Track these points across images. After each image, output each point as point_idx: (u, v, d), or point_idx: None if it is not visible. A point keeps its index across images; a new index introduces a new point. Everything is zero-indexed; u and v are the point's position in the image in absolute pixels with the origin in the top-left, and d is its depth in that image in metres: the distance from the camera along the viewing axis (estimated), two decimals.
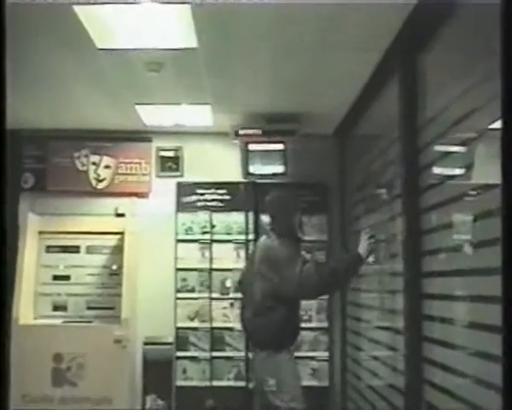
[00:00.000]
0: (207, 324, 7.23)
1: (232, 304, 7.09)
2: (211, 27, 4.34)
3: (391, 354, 4.96)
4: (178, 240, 7.33)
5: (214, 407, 6.96)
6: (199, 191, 7.36)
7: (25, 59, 4.87)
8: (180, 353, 7.22)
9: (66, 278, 7.27)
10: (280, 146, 6.79)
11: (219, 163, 7.31)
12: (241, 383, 7.05)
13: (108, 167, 7.38)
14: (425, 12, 3.85)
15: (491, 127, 3.11)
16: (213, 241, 7.34)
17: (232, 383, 7.15)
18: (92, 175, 7.38)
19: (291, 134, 6.70)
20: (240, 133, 6.78)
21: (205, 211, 7.35)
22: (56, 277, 7.27)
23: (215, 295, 7.27)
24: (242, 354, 7.08)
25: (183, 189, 7.40)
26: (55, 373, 6.83)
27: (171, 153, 7.45)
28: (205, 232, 7.34)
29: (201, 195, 7.36)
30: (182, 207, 7.37)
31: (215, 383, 7.14)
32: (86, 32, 4.38)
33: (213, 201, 7.35)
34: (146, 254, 7.20)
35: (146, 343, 7.16)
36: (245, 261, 6.66)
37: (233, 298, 7.06)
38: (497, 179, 2.98)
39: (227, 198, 7.35)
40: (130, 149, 7.41)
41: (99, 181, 7.38)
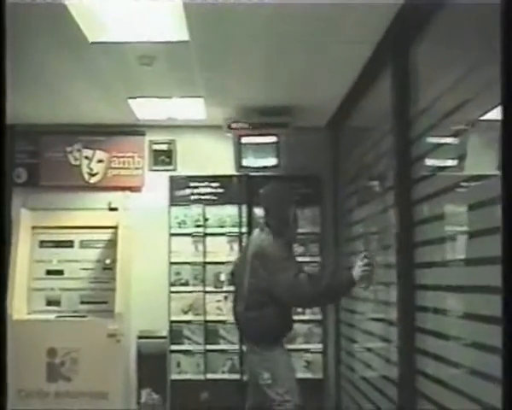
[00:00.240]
0: (201, 317, 7.24)
1: (226, 297, 7.08)
2: (202, 20, 4.33)
3: (384, 346, 4.98)
4: (172, 234, 7.33)
5: (209, 400, 6.98)
6: (192, 185, 7.36)
7: (16, 54, 4.86)
8: (174, 346, 7.23)
9: (59, 273, 7.26)
10: (273, 139, 6.77)
11: (212, 156, 7.30)
12: (236, 375, 7.07)
13: (101, 162, 7.37)
14: (416, 4, 3.85)
15: (482, 118, 3.13)
16: (207, 234, 7.33)
17: (226, 376, 7.16)
18: (85, 169, 7.37)
19: (284, 127, 6.69)
20: (233, 126, 6.76)
21: (198, 204, 7.35)
22: (50, 272, 7.25)
23: (209, 288, 7.27)
24: (236, 347, 7.09)
25: (176, 182, 7.39)
26: (50, 368, 6.82)
27: (163, 146, 7.44)
28: (198, 226, 7.34)
29: (194, 188, 7.35)
30: (175, 200, 7.37)
31: (209, 376, 7.16)
32: (78, 26, 4.37)
33: (206, 194, 7.34)
34: (139, 248, 7.19)
35: (140, 337, 7.17)
36: (238, 254, 6.64)
37: (227, 291, 7.04)
38: (490, 170, 3.00)
39: (220, 191, 7.35)
40: (123, 143, 7.39)
41: (92, 175, 7.37)
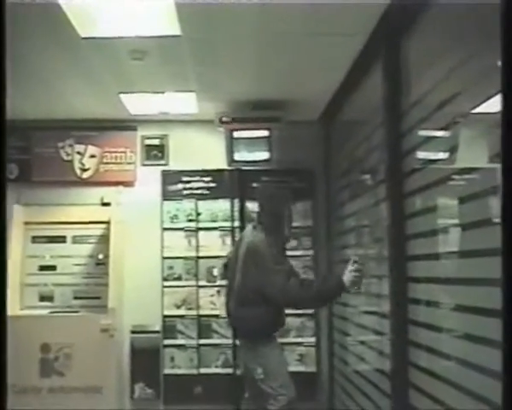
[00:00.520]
0: (194, 311, 7.24)
1: (219, 292, 7.08)
2: (194, 15, 4.33)
3: (377, 339, 4.99)
4: (164, 228, 7.33)
5: (202, 395, 6.98)
6: (184, 179, 7.35)
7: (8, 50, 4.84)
8: (167, 341, 7.23)
9: (52, 269, 7.25)
10: (265, 133, 6.77)
11: (204, 151, 7.29)
12: (229, 370, 7.07)
13: (93, 157, 7.36)
14: None
15: (473, 111, 3.14)
16: (199, 229, 7.33)
17: (220, 370, 7.16)
18: (77, 165, 7.36)
19: (276, 121, 6.69)
20: (224, 120, 6.77)
21: (190, 199, 7.34)
22: (43, 267, 7.25)
23: (202, 282, 7.27)
24: (230, 342, 7.08)
25: (169, 177, 7.39)
26: (43, 364, 6.83)
27: (156, 141, 7.43)
28: (190, 220, 7.34)
29: (187, 183, 7.34)
30: (167, 195, 7.36)
31: (203, 370, 7.16)
32: (69, 22, 4.36)
33: (199, 188, 7.34)
34: (132, 242, 7.20)
35: (133, 332, 7.17)
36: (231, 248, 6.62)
37: (220, 286, 7.04)
38: (481, 163, 3.02)
39: (212, 186, 7.34)
40: (115, 138, 7.38)
41: (84, 171, 7.36)
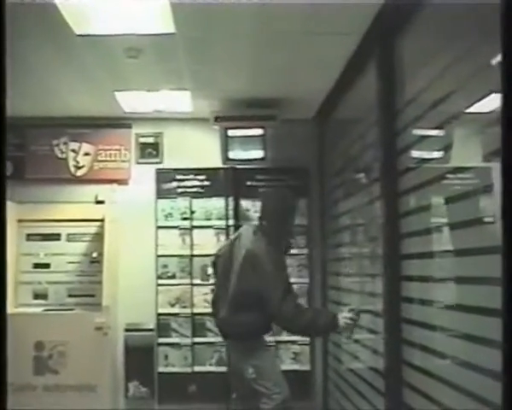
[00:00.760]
0: (188, 310, 7.24)
1: (213, 290, 7.07)
2: (188, 13, 4.33)
3: (371, 337, 5.00)
4: (158, 226, 7.33)
5: (196, 393, 6.98)
6: (178, 177, 7.35)
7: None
8: (161, 339, 7.23)
9: (46, 266, 7.25)
10: (259, 131, 6.78)
11: (199, 149, 7.29)
12: (223, 368, 7.04)
13: (88, 154, 7.35)
14: None
15: (467, 111, 3.15)
16: (193, 227, 7.33)
17: (214, 368, 7.17)
18: (71, 162, 7.35)
19: (270, 119, 6.70)
20: (219, 119, 6.77)
21: (185, 197, 7.34)
22: (37, 265, 7.25)
23: (196, 281, 7.27)
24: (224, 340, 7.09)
25: (163, 175, 7.38)
26: (37, 362, 6.83)
27: (150, 139, 7.43)
28: (185, 218, 7.34)
29: (181, 181, 7.34)
30: (162, 193, 7.36)
31: (197, 368, 7.16)
32: (64, 19, 4.36)
33: (193, 187, 7.34)
34: (126, 240, 7.19)
35: (127, 330, 7.17)
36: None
37: (214, 284, 7.04)
38: (474, 162, 3.02)
39: (207, 184, 7.34)
40: (109, 136, 7.38)
41: (78, 168, 7.35)
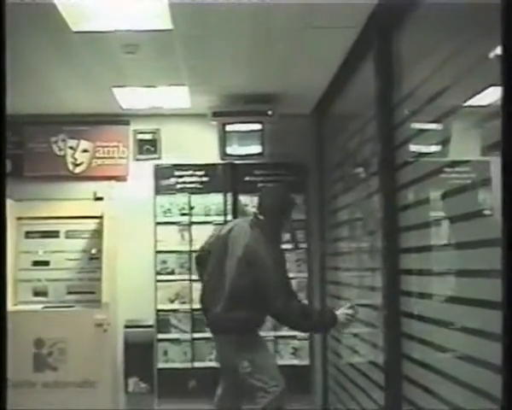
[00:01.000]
0: (188, 306, 7.24)
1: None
2: (186, 8, 4.32)
3: (370, 331, 5.01)
4: (157, 223, 7.33)
5: (196, 388, 6.99)
6: (177, 173, 7.35)
7: None
8: (161, 335, 7.24)
9: (45, 264, 7.24)
10: (257, 126, 6.78)
11: (197, 145, 7.29)
12: None
13: (86, 151, 7.35)
14: None
15: (465, 104, 3.15)
16: (192, 223, 7.33)
17: (213, 363, 7.14)
18: (69, 159, 7.35)
19: (268, 114, 6.70)
20: (217, 114, 6.77)
21: (183, 193, 7.35)
22: (36, 262, 7.24)
23: (195, 277, 7.25)
24: None
25: (161, 171, 7.38)
26: (37, 359, 6.83)
27: (148, 135, 7.42)
28: (183, 214, 7.34)
29: (179, 177, 7.34)
30: (160, 189, 7.35)
31: (196, 364, 7.17)
32: (61, 15, 4.35)
33: (191, 183, 7.34)
34: (125, 237, 7.19)
35: (127, 326, 7.17)
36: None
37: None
38: (473, 155, 3.03)
39: (205, 180, 7.34)
40: (107, 133, 7.38)
41: (76, 165, 7.36)
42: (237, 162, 7.13)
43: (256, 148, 6.82)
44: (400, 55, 4.15)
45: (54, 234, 7.29)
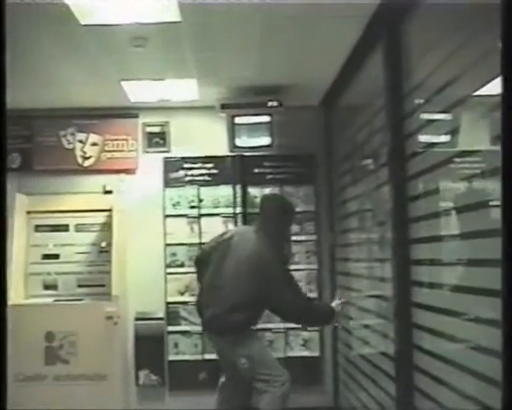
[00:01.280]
0: None
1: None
2: (193, 0, 4.32)
3: (381, 322, 5.01)
4: (167, 215, 7.33)
5: (207, 380, 6.99)
6: (186, 166, 7.34)
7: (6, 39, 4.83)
8: (171, 327, 7.24)
9: (55, 257, 7.26)
10: (266, 118, 6.78)
11: (206, 137, 7.28)
12: None
13: (95, 145, 7.35)
14: None
15: (475, 94, 3.14)
16: (201, 215, 7.33)
17: None
18: (79, 153, 7.36)
19: (277, 106, 6.69)
20: (226, 106, 6.77)
21: (192, 185, 7.35)
22: (46, 256, 7.26)
23: None
24: None
25: (170, 164, 7.38)
26: (48, 352, 6.84)
27: (157, 128, 7.42)
28: (193, 207, 7.33)
29: (188, 169, 7.34)
30: (169, 182, 7.35)
31: (207, 356, 7.15)
32: (69, 9, 4.36)
33: (200, 175, 7.34)
34: (135, 230, 7.20)
35: (137, 319, 7.19)
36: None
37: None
38: (482, 145, 3.02)
39: (214, 172, 7.33)
40: (116, 126, 7.38)
41: (86, 159, 7.36)
42: (246, 154, 7.13)
43: (265, 140, 6.82)
44: (409, 45, 4.14)
45: (63, 227, 7.31)
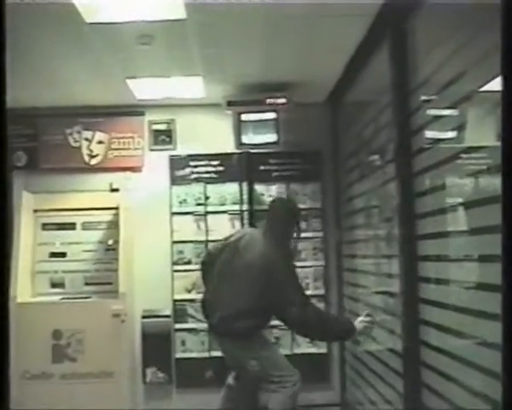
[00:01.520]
0: None
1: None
2: None
3: (388, 318, 5.00)
4: (173, 213, 7.33)
5: (214, 378, 6.99)
6: (192, 163, 7.34)
7: (11, 37, 4.84)
8: (178, 325, 7.24)
9: (62, 255, 7.28)
10: (272, 115, 6.78)
11: (212, 134, 7.29)
12: None
13: (101, 143, 7.36)
14: None
15: (481, 89, 3.14)
16: (208, 212, 7.33)
17: None
18: (85, 151, 7.36)
19: (283, 103, 6.69)
20: (232, 103, 6.77)
21: (199, 183, 7.35)
22: (53, 254, 7.27)
23: None
24: None
25: (177, 161, 7.38)
26: (55, 350, 6.85)
27: (163, 126, 7.43)
28: (199, 204, 7.33)
29: (195, 167, 7.34)
30: (176, 179, 7.36)
31: (214, 353, 7.14)
32: (74, 6, 4.36)
33: (207, 172, 7.34)
34: (141, 227, 7.21)
35: (144, 317, 7.19)
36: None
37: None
38: (489, 141, 3.01)
39: (220, 169, 7.33)
40: (122, 124, 7.38)
41: (92, 157, 7.37)
42: (252, 151, 7.12)
43: (271, 136, 6.82)
44: (415, 41, 4.13)
45: (70, 226, 7.32)
